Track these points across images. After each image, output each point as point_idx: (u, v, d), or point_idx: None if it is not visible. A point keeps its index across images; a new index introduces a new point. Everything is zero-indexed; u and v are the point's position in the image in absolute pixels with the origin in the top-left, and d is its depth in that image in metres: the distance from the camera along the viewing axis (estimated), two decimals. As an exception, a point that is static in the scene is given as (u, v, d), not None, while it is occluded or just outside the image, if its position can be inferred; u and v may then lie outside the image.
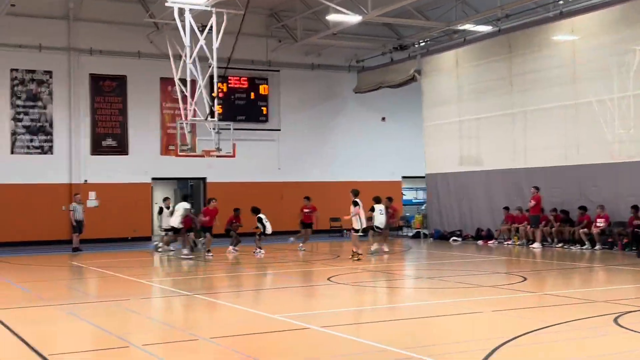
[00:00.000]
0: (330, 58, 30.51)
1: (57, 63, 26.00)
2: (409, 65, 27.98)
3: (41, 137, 25.76)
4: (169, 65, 22.22)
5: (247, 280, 15.90)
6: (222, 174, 27.79)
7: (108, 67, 26.66)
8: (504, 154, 24.30)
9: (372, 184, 30.90)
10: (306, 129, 30.18)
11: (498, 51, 24.37)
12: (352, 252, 18.42)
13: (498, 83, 24.31)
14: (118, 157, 26.86)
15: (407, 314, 10.87)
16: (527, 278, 14.40)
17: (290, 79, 29.89)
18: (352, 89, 30.78)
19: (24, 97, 25.54)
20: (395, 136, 31.37)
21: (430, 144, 27.43)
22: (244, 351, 8.02)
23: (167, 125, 27.45)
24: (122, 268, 17.86)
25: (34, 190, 25.41)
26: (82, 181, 26.25)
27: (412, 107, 29.64)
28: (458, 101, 25.95)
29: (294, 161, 29.75)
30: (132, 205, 26.93)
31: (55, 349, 8.39)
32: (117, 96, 26.84)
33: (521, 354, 7.77)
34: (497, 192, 24.57)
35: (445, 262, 18.71)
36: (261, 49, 29.07)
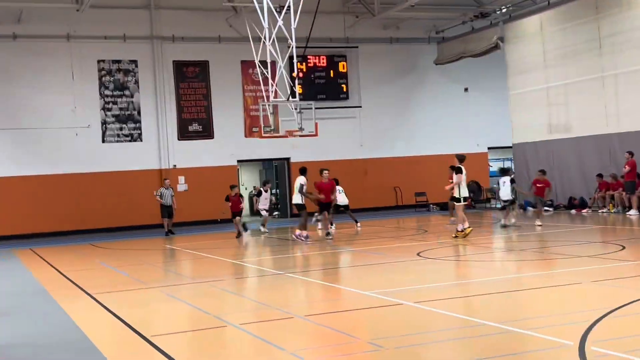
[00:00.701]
0: (409, 31, 30.09)
1: (142, 52, 26.67)
2: (491, 33, 27.30)
3: (130, 125, 26.54)
4: (249, 48, 22.36)
5: (336, 258, 15.97)
6: (305, 153, 27.92)
7: (190, 53, 27.16)
8: (594, 120, 23.46)
9: (457, 156, 30.47)
10: (387, 104, 29.94)
11: (584, 13, 23.46)
12: (457, 230, 16.82)
13: (586, 46, 23.42)
14: (204, 142, 27.41)
15: (502, 288, 10.67)
16: (626, 247, 13.90)
17: (369, 55, 29.67)
18: (432, 61, 30.30)
19: (111, 87, 26.33)
20: (479, 107, 30.76)
21: (516, 112, 26.76)
22: (339, 328, 8.05)
23: (249, 107, 27.78)
24: (214, 249, 18.26)
25: (126, 177, 26.25)
26: (171, 166, 26.93)
27: (495, 76, 28.97)
28: (544, 67, 25.17)
29: (377, 137, 29.60)
30: (220, 188, 27.38)
31: (156, 330, 8.65)
32: (201, 81, 27.33)
33: (624, 325, 7.51)
34: (589, 159, 23.78)
35: (538, 233, 18.27)
36: (339, 25, 28.94)
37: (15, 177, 25.15)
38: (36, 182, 25.35)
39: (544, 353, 6.62)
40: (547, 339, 6.92)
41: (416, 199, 29.36)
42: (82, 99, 25.93)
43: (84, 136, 25.94)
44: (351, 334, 7.79)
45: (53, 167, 25.60)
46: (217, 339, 8.12)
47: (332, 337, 7.79)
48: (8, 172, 25.06)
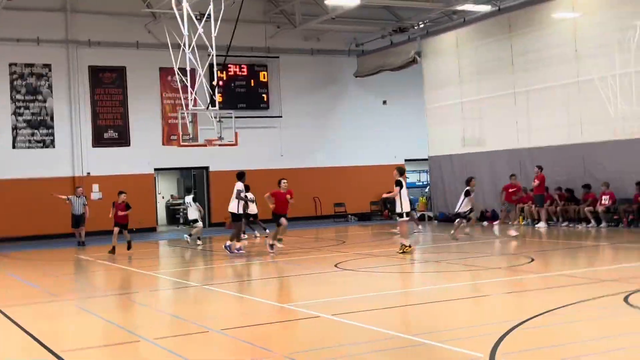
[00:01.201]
0: (330, 43, 30.38)
1: (56, 56, 25.92)
2: (409, 47, 27.85)
3: (42, 131, 25.73)
4: (168, 55, 22.09)
5: (253, 270, 15.91)
6: (224, 162, 27.73)
7: (107, 58, 26.58)
8: (506, 134, 24.23)
9: (375, 167, 30.94)
10: (307, 115, 30.10)
11: (498, 31, 24.25)
12: (401, 244, 16.21)
13: (499, 63, 24.19)
14: (120, 149, 26.84)
15: (415, 299, 10.87)
16: (535, 258, 14.40)
17: (290, 65, 29.78)
18: (352, 73, 30.67)
19: (23, 91, 25.49)
20: (397, 119, 31.30)
21: (432, 126, 27.37)
22: (256, 342, 8.02)
23: (168, 115, 27.39)
24: (127, 260, 17.87)
25: (37, 184, 25.39)
26: (85, 174, 26.24)
27: (413, 89, 29.56)
28: (459, 82, 25.86)
29: (296, 147, 29.70)
30: (136, 197, 26.84)
31: (67, 345, 8.40)
32: (117, 87, 26.77)
33: (533, 336, 7.77)
34: (501, 173, 24.49)
35: (451, 244, 18.69)
36: (260, 35, 28.94)
37: None
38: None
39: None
40: (459, 351, 7.08)
41: (335, 210, 29.61)
42: (-8, 103, 24.98)
43: (-7, 141, 24.99)
44: (268, 348, 7.77)
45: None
46: (131, 354, 7.95)
47: (248, 351, 7.75)
48: None
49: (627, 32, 19.89)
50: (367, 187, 30.30)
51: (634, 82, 19.84)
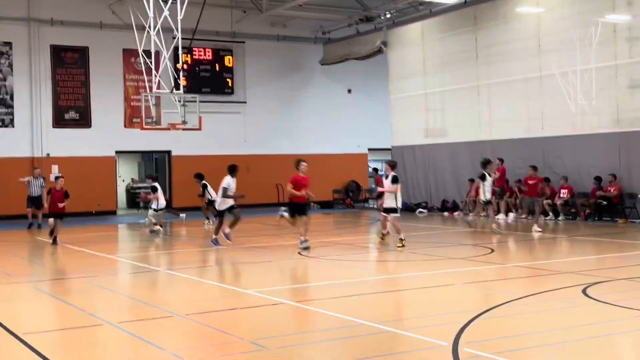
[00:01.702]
0: (296, 29, 30.30)
1: (17, 34, 25.38)
2: (375, 37, 27.92)
3: (1, 110, 25.21)
4: (131, 36, 21.73)
5: (216, 255, 15.86)
6: (187, 147, 27.53)
7: (69, 38, 26.11)
8: (469, 126, 24.52)
9: (338, 156, 31.04)
10: (272, 101, 30.02)
11: (464, 23, 24.45)
12: (400, 239, 15.18)
13: (463, 55, 24.42)
14: (81, 130, 26.45)
15: (377, 288, 10.97)
16: (494, 250, 14.63)
17: (256, 51, 29.63)
18: (318, 61, 30.64)
19: (-18, 69, 24.92)
20: (361, 108, 31.41)
21: (396, 116, 27.54)
22: (221, 327, 8.03)
23: (130, 97, 27.07)
24: (87, 243, 17.68)
25: (-5, 164, 24.92)
26: (44, 155, 25.81)
27: (378, 79, 29.67)
28: (424, 73, 26.04)
29: (260, 134, 29.62)
30: (96, 179, 26.58)
31: (27, 328, 8.29)
32: (79, 68, 26.35)
33: (495, 326, 7.92)
34: (462, 164, 24.81)
35: (412, 234, 18.86)
36: (226, 20, 28.71)
37: None
38: None
39: (419, 353, 6.88)
40: (422, 339, 7.19)
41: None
42: (-51, 79, 24.39)
43: (-50, 119, 24.42)
44: (233, 334, 7.79)
45: None
46: (94, 337, 7.89)
47: (213, 337, 7.76)
48: None
49: (589, 29, 20.22)
50: (330, 175, 30.40)
51: (594, 78, 20.20)
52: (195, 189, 21.87)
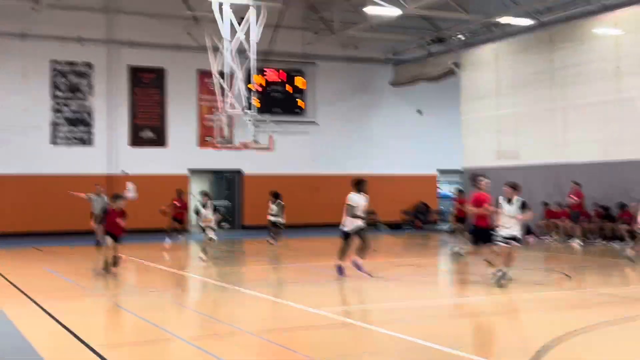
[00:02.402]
0: (367, 51, 30.41)
1: (97, 55, 26.31)
2: (446, 58, 27.76)
3: (81, 128, 26.11)
4: (206, 57, 22.34)
5: (283, 274, 15.94)
6: (258, 166, 27.89)
7: (147, 59, 26.91)
8: (542, 149, 24.02)
9: (408, 177, 30.88)
10: (342, 122, 30.14)
11: (539, 45, 24.06)
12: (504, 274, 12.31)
13: (538, 77, 24.00)
14: (156, 149, 27.13)
15: (453, 311, 10.81)
16: (569, 275, 14.23)
17: (327, 72, 29.86)
18: (388, 82, 30.65)
19: (64, 89, 25.89)
20: (432, 129, 31.21)
21: (467, 137, 27.21)
22: (286, 345, 8.05)
23: (204, 117, 27.64)
24: (160, 259, 18.03)
25: (74, 180, 25.70)
26: (120, 172, 26.56)
27: (449, 100, 29.46)
28: (497, 95, 25.69)
29: (330, 154, 29.75)
30: (169, 197, 27.09)
31: (102, 340, 8.50)
32: (155, 88, 27.09)
33: (570, 353, 7.68)
34: (535, 187, 24.25)
35: (482, 257, 18.52)
36: (298, 41, 29.06)
37: (-42, 175, 24.49)
38: (-20, 181, 24.72)
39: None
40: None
41: (366, 218, 29.50)
42: (33, 99, 25.42)
43: (33, 137, 25.41)
44: (298, 351, 7.78)
45: (0, 167, 24.95)
46: (165, 352, 8.02)
47: (279, 354, 7.77)
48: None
49: (670, 50, 19.61)
50: (400, 196, 30.26)
51: (675, 101, 19.56)
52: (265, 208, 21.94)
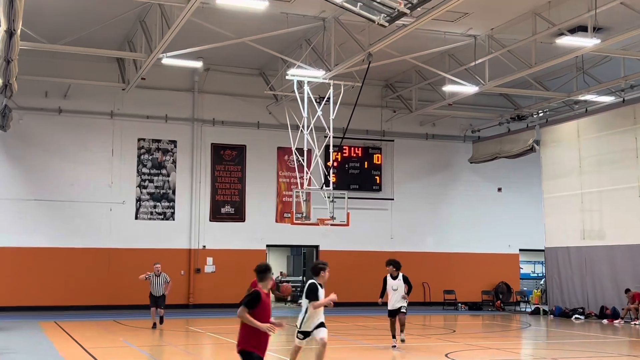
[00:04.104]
0: (445, 128, 30.43)
1: (182, 133, 27.22)
2: (526, 135, 27.44)
3: (164, 204, 26.83)
4: (286, 135, 22.79)
5: (359, 355, 15.66)
6: (334, 242, 27.88)
7: (229, 136, 27.65)
8: (629, 229, 23.17)
9: (488, 256, 30.25)
10: (419, 199, 29.98)
11: (622, 122, 23.55)
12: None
13: (622, 155, 23.40)
14: (235, 224, 27.53)
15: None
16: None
17: (404, 149, 29.95)
18: (467, 159, 30.45)
19: (149, 165, 26.79)
20: (512, 207, 30.65)
21: (550, 216, 26.54)
22: None
23: (282, 193, 28.00)
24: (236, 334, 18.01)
25: (156, 255, 26.20)
26: (201, 247, 27.02)
27: (529, 177, 28.99)
28: (580, 173, 25.11)
29: (407, 231, 29.51)
30: (248, 272, 27.30)
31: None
32: (237, 165, 27.71)
33: None
34: (622, 268, 23.36)
35: (567, 341, 17.81)
36: (376, 118, 29.40)
37: (46, 248, 25.37)
38: (67, 255, 25.52)
39: None
40: None
41: (444, 297, 28.95)
42: (120, 175, 26.38)
43: (118, 212, 26.24)
44: None
45: (85, 240, 25.79)
46: None
47: None
48: (41, 242, 25.30)
49: None
50: (479, 275, 29.63)
51: None
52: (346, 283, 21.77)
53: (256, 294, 7.66)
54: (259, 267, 7.96)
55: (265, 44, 21.96)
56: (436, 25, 20.57)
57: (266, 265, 7.98)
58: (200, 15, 18.99)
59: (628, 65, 22.69)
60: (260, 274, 7.91)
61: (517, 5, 19.59)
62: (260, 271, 7.91)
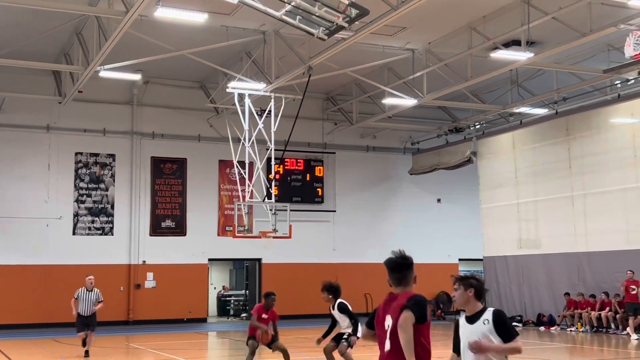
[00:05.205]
0: (386, 140, 30.78)
1: (120, 146, 26.82)
2: (464, 147, 28.00)
3: (102, 219, 26.36)
4: (227, 148, 22.71)
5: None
6: (277, 254, 27.73)
7: (169, 150, 27.37)
8: (563, 237, 23.81)
9: (428, 266, 30.56)
10: (361, 210, 30.21)
11: (556, 134, 24.24)
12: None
13: (556, 165, 24.07)
14: (176, 238, 27.23)
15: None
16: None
17: (346, 161, 30.16)
18: (407, 171, 30.85)
19: (87, 180, 26.29)
20: (451, 218, 31.15)
21: (487, 226, 27.10)
22: None
23: (224, 206, 27.85)
24: (179, 350, 17.84)
25: (94, 271, 25.56)
26: (140, 262, 26.62)
27: (468, 188, 29.52)
28: (515, 183, 25.73)
29: (350, 242, 29.69)
30: (189, 287, 27.09)
31: None
32: (177, 178, 27.44)
33: None
34: (558, 276, 23.99)
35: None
36: (317, 131, 29.55)
37: (-20, 265, 24.64)
38: (2, 272, 24.80)
39: None
40: None
41: (386, 307, 29.15)
42: (57, 189, 25.80)
43: (55, 227, 25.64)
44: None
45: (21, 257, 25.09)
46: None
47: None
48: (-27, 259, 24.55)
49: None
50: (420, 285, 29.34)
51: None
52: (289, 295, 21.74)
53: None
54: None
55: (206, 56, 21.88)
56: (375, 39, 20.87)
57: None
58: (138, 27, 18.80)
59: (560, 78, 23.39)
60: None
61: (453, 19, 20.03)
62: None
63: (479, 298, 6.03)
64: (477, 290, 6.02)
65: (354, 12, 13.09)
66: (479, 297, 6.03)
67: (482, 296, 6.05)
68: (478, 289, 6.02)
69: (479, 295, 6.02)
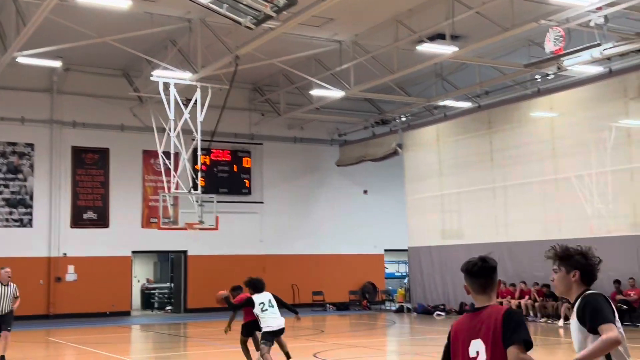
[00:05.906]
0: (313, 131, 30.83)
1: (39, 136, 25.96)
2: (390, 139, 28.33)
3: (21, 210, 25.50)
4: (151, 138, 22.32)
5: (232, 358, 15.56)
6: (203, 246, 27.54)
7: (90, 139, 26.65)
8: (485, 228, 24.41)
9: (355, 257, 30.90)
10: (289, 202, 30.20)
11: (478, 126, 24.79)
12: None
13: (478, 157, 24.62)
14: (98, 230, 26.58)
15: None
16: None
17: (273, 152, 30.07)
18: (334, 162, 31.00)
19: (4, 170, 25.37)
20: (377, 209, 31.48)
21: (412, 217, 27.53)
22: None
23: (149, 197, 27.34)
24: (101, 344, 17.46)
25: (12, 263, 24.73)
26: (61, 254, 25.88)
27: (394, 180, 29.89)
28: (439, 175, 26.21)
29: (277, 234, 29.64)
30: (111, 280, 26.52)
31: None
32: (99, 169, 26.76)
33: None
34: (479, 266, 24.53)
35: (429, 337, 18.51)
36: (244, 122, 29.35)
37: None
38: None
39: None
40: None
41: (313, 298, 29.32)
42: (-28, 180, 24.82)
43: (-30, 219, 24.68)
44: None
45: None
46: None
47: None
48: None
49: (603, 133, 20.43)
50: (346, 276, 30.19)
51: (609, 181, 20.25)
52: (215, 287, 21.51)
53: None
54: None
55: (129, 44, 21.35)
56: (302, 29, 20.83)
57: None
58: (59, 12, 18.19)
59: (483, 72, 23.91)
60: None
61: (379, 12, 20.17)
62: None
63: (588, 282, 4.39)
64: (585, 271, 4.40)
65: (282, 1, 13.05)
66: (588, 280, 4.39)
67: (591, 278, 4.43)
68: (587, 270, 4.40)
69: (587, 277, 4.37)
